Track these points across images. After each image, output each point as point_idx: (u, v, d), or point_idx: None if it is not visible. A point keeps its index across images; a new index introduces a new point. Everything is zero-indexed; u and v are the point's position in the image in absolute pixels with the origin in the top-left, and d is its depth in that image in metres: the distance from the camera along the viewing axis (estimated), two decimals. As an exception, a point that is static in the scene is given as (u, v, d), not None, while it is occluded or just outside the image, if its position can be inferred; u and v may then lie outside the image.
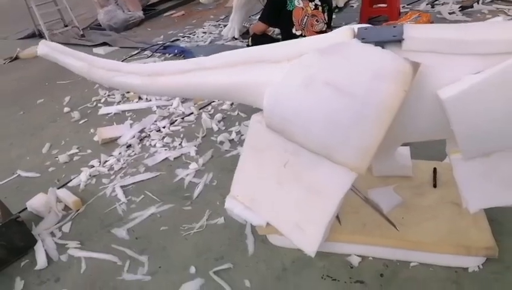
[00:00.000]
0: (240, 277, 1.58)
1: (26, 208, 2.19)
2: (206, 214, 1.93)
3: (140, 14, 5.83)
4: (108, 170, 2.46)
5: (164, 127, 2.81)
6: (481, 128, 1.15)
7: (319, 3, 2.65)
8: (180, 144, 2.58)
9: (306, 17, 2.59)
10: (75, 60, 1.71)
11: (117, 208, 2.11)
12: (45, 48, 1.74)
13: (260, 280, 1.56)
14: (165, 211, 2.03)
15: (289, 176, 1.47)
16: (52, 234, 2.00)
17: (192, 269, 1.65)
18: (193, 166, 2.31)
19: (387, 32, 1.27)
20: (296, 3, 2.58)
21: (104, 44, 5.10)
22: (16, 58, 5.36)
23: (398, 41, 1.23)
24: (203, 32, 4.87)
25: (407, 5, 4.34)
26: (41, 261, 1.83)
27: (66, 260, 1.84)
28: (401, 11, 4.05)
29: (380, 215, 1.59)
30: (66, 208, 2.18)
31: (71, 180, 2.42)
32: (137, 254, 1.79)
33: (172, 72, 1.58)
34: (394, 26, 1.30)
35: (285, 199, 1.52)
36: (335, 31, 1.38)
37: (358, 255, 1.56)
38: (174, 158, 2.45)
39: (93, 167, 2.51)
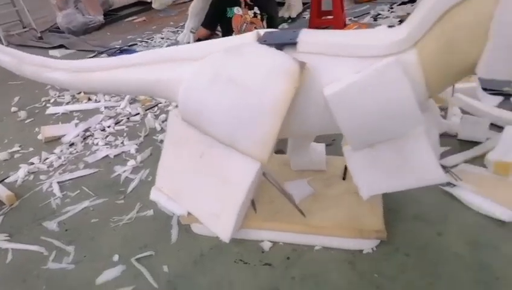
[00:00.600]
0: (159, 263, 1.67)
1: (-40, 204, 2.20)
2: (136, 207, 2.01)
3: (100, 18, 5.86)
4: (47, 167, 2.50)
5: (109, 127, 2.87)
6: (360, 122, 1.31)
7: (258, 11, 2.81)
8: (122, 143, 2.66)
9: (245, 24, 2.75)
10: (4, 55, 1.77)
11: (51, 203, 2.15)
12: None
13: (178, 265, 1.65)
14: (98, 204, 2.09)
15: (205, 167, 1.59)
16: (-17, 227, 2.03)
17: (116, 257, 1.73)
18: (131, 163, 2.39)
19: (286, 36, 1.43)
20: (235, 11, 2.73)
21: (61, 46, 5.10)
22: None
23: (293, 44, 1.39)
24: (161, 38, 4.96)
25: (354, 17, 4.60)
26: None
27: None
28: (347, 23, 4.29)
29: (292, 204, 1.73)
30: (0, 202, 2.20)
31: (9, 176, 2.44)
32: (64, 245, 1.85)
33: (98, 69, 1.68)
34: (294, 31, 1.46)
35: (202, 189, 1.63)
36: (243, 34, 1.53)
37: (270, 241, 1.68)
38: (114, 156, 2.52)
39: (33, 164, 2.54)
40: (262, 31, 1.51)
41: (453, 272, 1.45)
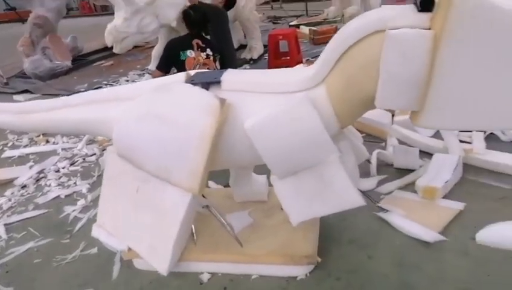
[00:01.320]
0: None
1: None
2: (81, 246, 2.01)
3: (68, 63, 5.97)
4: (-4, 209, 2.47)
5: (63, 168, 2.89)
6: (278, 152, 1.41)
7: (211, 53, 2.97)
8: (74, 183, 2.67)
9: (198, 66, 2.89)
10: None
11: (-5, 245, 2.13)
12: None
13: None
14: (43, 245, 2.08)
15: (141, 201, 1.64)
16: None
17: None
18: (81, 202, 2.40)
19: (213, 75, 1.55)
20: (188, 53, 2.87)
21: (27, 91, 5.15)
22: None
23: (218, 82, 1.50)
24: (126, 80, 5.09)
25: (312, 58, 4.87)
26: None
27: None
28: (304, 62, 4.55)
29: (231, 236, 1.77)
30: None
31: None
32: (3, 286, 1.82)
33: (39, 110, 1.74)
34: (221, 71, 1.58)
35: (140, 223, 1.67)
36: (174, 74, 1.64)
37: (209, 273, 1.71)
38: (66, 196, 2.53)
39: (-19, 206, 2.52)
40: (193, 72, 1.63)
41: (379, 295, 1.52)
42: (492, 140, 2.38)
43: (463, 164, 2.16)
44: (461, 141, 2.32)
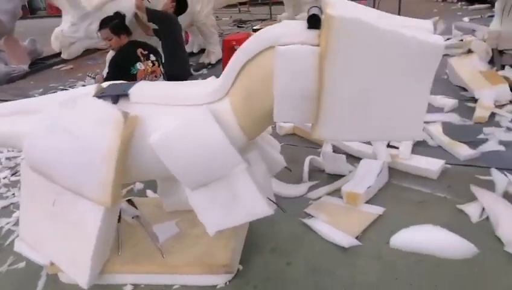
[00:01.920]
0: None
1: None
2: (9, 260, 1.99)
3: (25, 67, 5.84)
4: None
5: (4, 178, 2.84)
6: (184, 164, 1.44)
7: (154, 58, 2.97)
8: (13, 194, 2.63)
9: (147, 76, 2.88)
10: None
11: None
12: None
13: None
14: (-30, 260, 2.05)
15: (58, 215, 1.64)
16: None
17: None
18: (17, 214, 2.36)
19: (122, 88, 1.57)
20: (138, 66, 2.85)
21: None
22: None
23: (126, 95, 1.52)
24: (83, 85, 5.01)
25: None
26: None
27: None
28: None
29: (155, 246, 1.79)
30: None
31: None
32: None
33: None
34: (133, 84, 1.60)
35: (58, 236, 1.67)
36: (85, 86, 1.65)
37: (131, 284, 1.73)
38: (2, 207, 2.48)
39: None
40: (106, 84, 1.64)
41: (292, 300, 1.57)
42: (420, 145, 2.49)
43: (389, 169, 2.25)
44: (390, 146, 2.41)
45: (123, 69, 2.86)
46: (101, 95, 1.52)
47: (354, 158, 2.42)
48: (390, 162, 2.26)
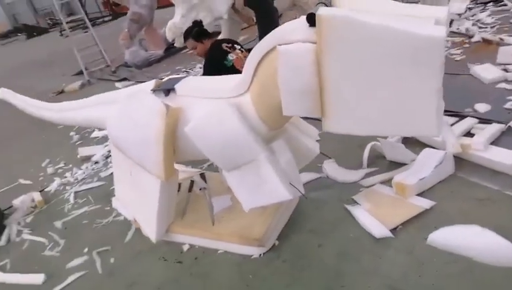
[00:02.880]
0: (110, 256, 2.19)
1: (12, 206, 3.02)
2: (114, 213, 2.57)
3: (160, 52, 6.82)
4: (74, 180, 3.24)
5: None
6: (214, 150, 1.67)
7: (239, 46, 3.20)
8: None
9: (242, 62, 3.06)
10: (16, 100, 2.50)
11: (64, 207, 2.85)
12: (4, 93, 2.56)
13: (121, 258, 2.15)
14: (92, 210, 2.71)
15: (134, 182, 2.07)
16: (19, 223, 2.79)
17: (86, 249, 2.29)
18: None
19: (172, 83, 1.86)
20: (230, 58, 3.07)
21: (125, 79, 6.13)
22: (62, 91, 6.62)
23: (173, 89, 1.81)
24: (200, 67, 5.64)
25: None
26: (2, 241, 2.61)
27: (19, 240, 2.60)
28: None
29: (210, 215, 2.10)
30: (35, 206, 2.97)
31: (48, 186, 3.23)
32: (59, 238, 2.48)
33: (70, 109, 2.30)
34: (180, 78, 1.88)
35: (136, 200, 2.12)
36: (148, 82, 1.99)
37: (189, 244, 2.08)
38: (110, 173, 3.14)
39: (66, 177, 3.31)
40: (167, 78, 1.96)
41: (312, 278, 1.68)
42: (508, 134, 2.17)
43: (459, 160, 2.06)
44: (465, 135, 2.17)
45: (218, 66, 3.04)
46: (156, 89, 1.85)
47: (424, 146, 2.26)
48: (460, 153, 2.06)
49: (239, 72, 3.08)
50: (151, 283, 1.91)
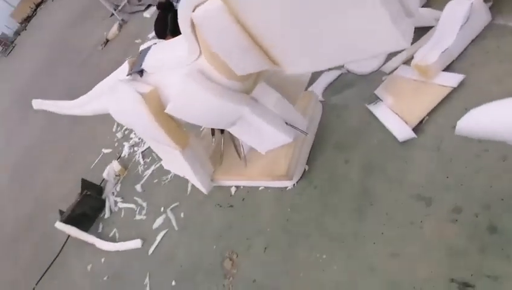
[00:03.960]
0: (180, 210, 2.48)
1: (104, 178, 3.52)
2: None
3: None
4: (138, 139, 3.54)
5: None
6: (200, 120, 1.65)
7: None
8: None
9: None
10: (52, 107, 2.69)
11: (139, 169, 3.20)
12: (37, 104, 2.77)
13: (188, 211, 2.41)
14: (157, 168, 3.00)
15: (166, 149, 2.19)
16: (112, 194, 3.28)
17: (162, 208, 2.63)
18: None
19: (140, 60, 1.77)
20: None
21: (150, 6, 5.95)
22: (107, 41, 6.80)
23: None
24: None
25: None
26: (107, 213, 3.14)
27: (117, 209, 3.09)
28: None
29: (242, 158, 2.14)
30: (119, 174, 3.40)
31: (122, 152, 3.62)
32: (142, 202, 2.87)
33: (84, 103, 2.41)
34: (145, 51, 1.77)
35: (175, 164, 2.27)
36: (122, 65, 1.92)
37: (235, 186, 2.21)
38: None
39: (131, 138, 3.64)
40: (139, 51, 1.86)
41: (342, 201, 1.68)
42: None
43: (498, 3, 1.61)
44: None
45: None
46: (131, 73, 1.79)
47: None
48: (495, -6, 1.61)
49: None
50: (215, 232, 2.15)
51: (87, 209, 3.21)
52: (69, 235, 3.18)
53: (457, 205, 1.34)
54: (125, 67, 1.90)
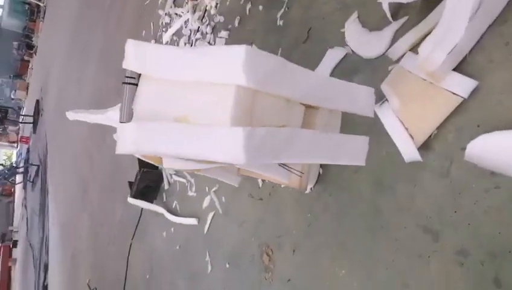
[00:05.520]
0: (221, 194, 2.65)
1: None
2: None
3: None
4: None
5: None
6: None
7: None
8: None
9: None
10: (82, 117, 2.83)
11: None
12: (72, 115, 2.92)
13: (228, 196, 2.58)
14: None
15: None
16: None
17: (207, 189, 2.83)
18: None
19: None
20: None
21: None
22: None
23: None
24: None
25: None
26: (165, 185, 3.48)
27: (173, 182, 3.40)
28: None
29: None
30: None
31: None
32: (190, 177, 3.10)
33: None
34: None
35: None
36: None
37: (262, 179, 2.27)
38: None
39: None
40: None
41: (353, 220, 1.66)
42: None
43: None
44: None
45: None
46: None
47: None
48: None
49: None
50: (251, 224, 2.31)
51: (148, 183, 3.57)
52: (143, 207, 3.66)
53: (464, 247, 1.26)
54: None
